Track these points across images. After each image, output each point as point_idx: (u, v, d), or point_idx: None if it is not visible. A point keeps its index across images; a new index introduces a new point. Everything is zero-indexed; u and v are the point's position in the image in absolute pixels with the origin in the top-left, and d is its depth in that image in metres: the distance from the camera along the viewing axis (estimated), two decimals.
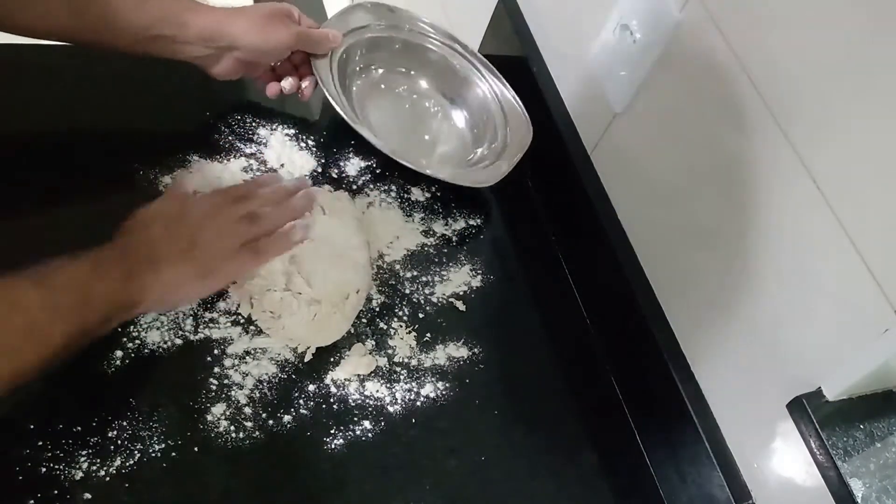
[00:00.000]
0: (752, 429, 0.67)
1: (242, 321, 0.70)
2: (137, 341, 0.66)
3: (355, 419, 0.68)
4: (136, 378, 0.64)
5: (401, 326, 0.75)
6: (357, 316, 0.74)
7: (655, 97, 0.77)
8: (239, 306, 0.71)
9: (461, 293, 0.80)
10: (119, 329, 0.65)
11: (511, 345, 0.79)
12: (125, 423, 0.62)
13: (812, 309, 0.60)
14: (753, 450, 0.67)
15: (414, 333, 0.75)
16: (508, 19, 1.02)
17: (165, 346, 0.67)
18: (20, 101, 0.79)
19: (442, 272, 0.81)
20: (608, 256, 0.82)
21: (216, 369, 0.67)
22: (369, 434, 0.67)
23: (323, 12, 1.11)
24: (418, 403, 0.71)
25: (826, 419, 0.57)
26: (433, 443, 0.69)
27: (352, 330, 0.73)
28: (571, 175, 0.88)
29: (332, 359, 0.71)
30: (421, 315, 0.77)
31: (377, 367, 0.72)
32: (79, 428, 0.60)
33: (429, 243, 0.84)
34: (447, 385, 0.73)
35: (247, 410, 0.65)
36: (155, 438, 0.62)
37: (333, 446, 0.66)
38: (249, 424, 0.65)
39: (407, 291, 0.78)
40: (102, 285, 0.60)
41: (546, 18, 0.97)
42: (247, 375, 0.67)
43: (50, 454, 0.58)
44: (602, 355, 0.82)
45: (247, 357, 0.68)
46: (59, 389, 0.62)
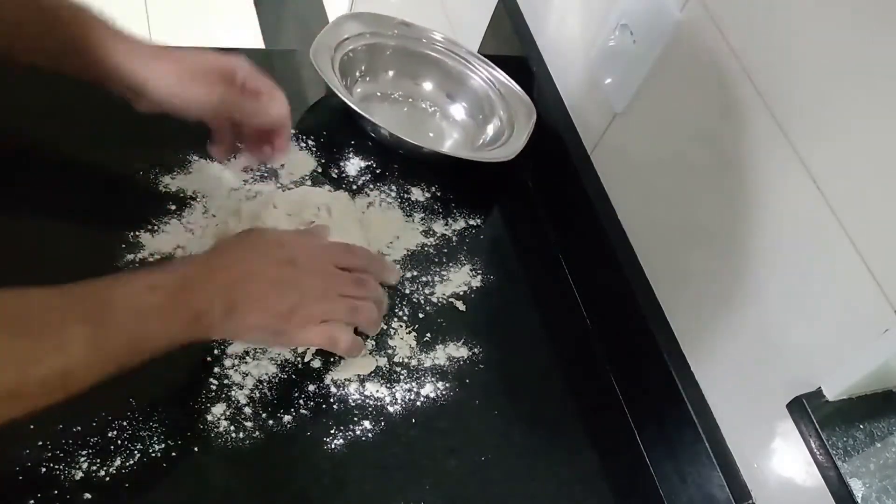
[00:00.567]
0: (752, 429, 0.67)
1: None
2: None
3: (355, 419, 0.68)
4: (136, 378, 0.64)
5: (401, 326, 0.75)
6: None
7: (655, 97, 0.77)
8: None
9: (461, 293, 0.80)
10: None
11: (511, 345, 0.79)
12: (125, 423, 0.62)
13: (812, 309, 0.60)
14: (753, 450, 0.66)
15: (414, 333, 0.75)
16: (508, 19, 1.02)
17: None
18: (20, 101, 0.79)
19: (442, 272, 0.81)
20: (608, 256, 0.82)
21: (216, 369, 0.67)
22: (369, 434, 0.67)
23: (325, 17, 1.11)
24: (418, 403, 0.71)
25: (826, 419, 0.57)
26: (433, 443, 0.69)
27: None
28: (571, 175, 0.88)
29: (332, 359, 0.71)
30: (421, 315, 0.77)
31: (377, 368, 0.72)
32: (79, 428, 0.60)
33: (429, 243, 0.84)
34: (447, 385, 0.73)
35: (247, 410, 0.65)
36: (155, 438, 0.61)
37: (333, 446, 0.66)
38: (249, 424, 0.65)
39: (407, 291, 0.78)
40: (165, 326, 0.56)
41: (546, 18, 0.97)
42: (247, 375, 0.67)
43: (50, 454, 0.58)
44: (602, 355, 0.82)
45: (247, 357, 0.68)
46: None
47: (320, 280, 0.65)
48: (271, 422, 0.65)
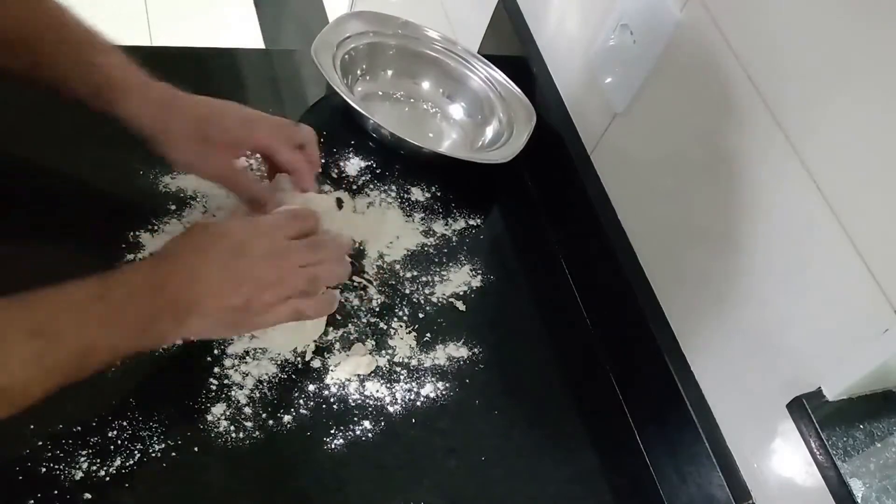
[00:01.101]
0: (752, 429, 0.67)
1: None
2: None
3: (355, 419, 0.68)
4: (136, 378, 0.64)
5: (401, 326, 0.75)
6: (357, 316, 0.74)
7: (655, 97, 0.77)
8: None
9: (461, 293, 0.80)
10: None
11: (511, 345, 0.79)
12: (125, 423, 0.62)
13: (812, 309, 0.60)
14: (753, 450, 0.66)
15: (414, 333, 0.75)
16: (508, 19, 1.02)
17: (165, 346, 0.67)
18: (20, 101, 0.79)
19: (442, 272, 0.81)
20: (608, 256, 0.82)
21: (216, 369, 0.67)
22: (369, 434, 0.67)
23: (325, 17, 1.12)
24: (418, 403, 0.71)
25: (826, 419, 0.57)
26: (433, 443, 0.69)
27: (352, 330, 0.73)
28: (571, 175, 0.88)
29: (332, 359, 0.71)
30: (421, 315, 0.77)
31: (377, 367, 0.72)
32: (79, 428, 0.60)
33: (429, 243, 0.84)
34: (447, 385, 0.73)
35: (247, 410, 0.65)
36: (155, 438, 0.61)
37: (333, 446, 0.66)
38: (249, 424, 0.65)
39: (407, 291, 0.78)
40: (112, 338, 0.54)
41: (546, 18, 0.97)
42: (247, 375, 0.67)
43: (50, 454, 0.58)
44: (602, 355, 0.82)
45: (247, 357, 0.68)
46: (59, 389, 0.61)
47: (273, 261, 0.62)
48: (271, 422, 0.65)
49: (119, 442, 0.60)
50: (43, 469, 0.58)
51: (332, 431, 0.67)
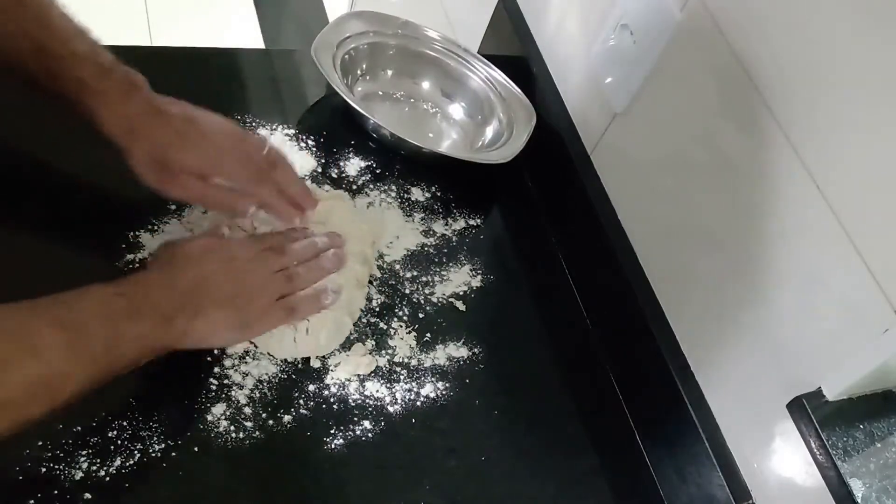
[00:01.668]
0: (752, 429, 0.67)
1: None
2: None
3: (355, 419, 0.68)
4: (136, 378, 0.64)
5: (401, 326, 0.75)
6: (357, 316, 0.74)
7: (655, 97, 0.77)
8: None
9: (461, 293, 0.80)
10: None
11: (511, 345, 0.79)
12: (125, 423, 0.62)
13: (812, 309, 0.60)
14: (753, 450, 0.66)
15: (414, 333, 0.75)
16: (508, 19, 1.02)
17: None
18: (19, 102, 0.79)
19: (442, 272, 0.81)
20: (608, 256, 0.82)
21: (216, 369, 0.67)
22: (369, 434, 0.67)
23: (325, 17, 1.11)
24: (418, 403, 0.71)
25: (826, 419, 0.57)
26: (433, 443, 0.69)
27: (352, 330, 0.73)
28: (571, 175, 0.88)
29: (332, 359, 0.71)
30: (421, 315, 0.77)
31: (377, 367, 0.72)
32: (79, 428, 0.60)
33: (429, 243, 0.84)
34: (447, 385, 0.73)
35: (247, 410, 0.65)
36: (155, 438, 0.61)
37: (333, 446, 0.66)
38: (249, 424, 0.65)
39: (407, 291, 0.78)
40: (137, 328, 0.56)
41: (546, 18, 0.97)
42: (247, 375, 0.67)
43: (50, 454, 0.58)
44: (602, 355, 0.82)
45: (247, 357, 0.68)
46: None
47: (257, 267, 0.66)
48: (271, 422, 0.65)
49: (119, 442, 0.60)
50: (43, 469, 0.58)
51: (332, 431, 0.67)
